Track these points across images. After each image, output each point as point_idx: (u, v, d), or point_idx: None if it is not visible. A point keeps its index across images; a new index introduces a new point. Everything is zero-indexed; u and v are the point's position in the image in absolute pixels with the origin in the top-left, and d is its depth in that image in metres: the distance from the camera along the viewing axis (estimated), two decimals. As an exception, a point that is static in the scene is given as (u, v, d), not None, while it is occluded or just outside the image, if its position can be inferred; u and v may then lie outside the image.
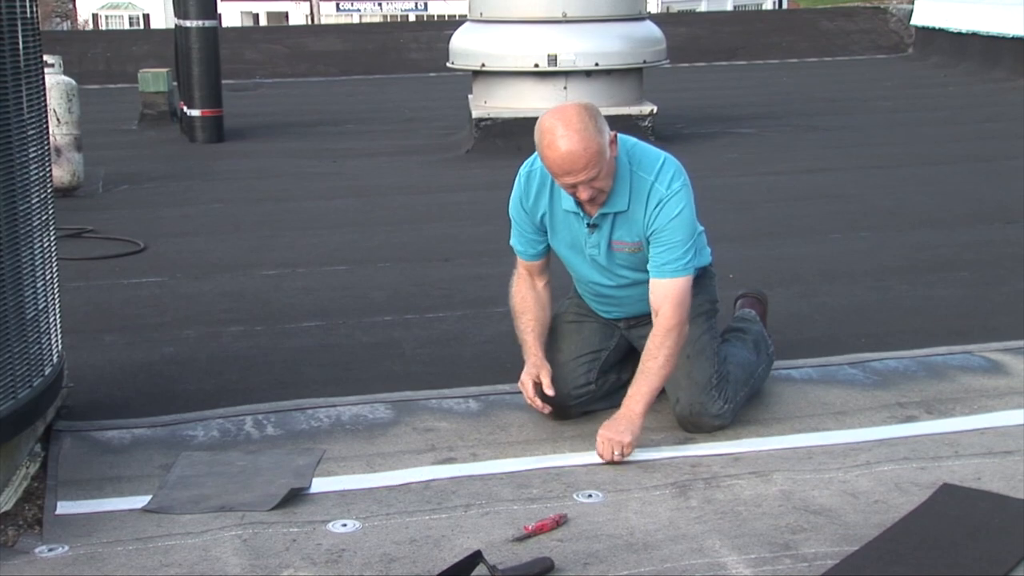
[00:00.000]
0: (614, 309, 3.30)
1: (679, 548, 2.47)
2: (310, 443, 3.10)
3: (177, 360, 3.86)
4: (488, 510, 2.67)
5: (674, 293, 3.02)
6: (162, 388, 3.59)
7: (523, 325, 3.23)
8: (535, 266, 3.24)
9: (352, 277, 4.90)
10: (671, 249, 3.02)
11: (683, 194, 3.03)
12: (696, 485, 2.79)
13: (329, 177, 7.35)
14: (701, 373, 3.14)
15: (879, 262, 4.96)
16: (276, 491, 2.74)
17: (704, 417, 3.11)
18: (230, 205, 6.44)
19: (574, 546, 2.49)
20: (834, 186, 6.68)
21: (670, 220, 3.01)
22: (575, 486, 2.80)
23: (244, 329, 4.19)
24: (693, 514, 2.64)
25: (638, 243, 3.07)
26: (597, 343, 3.31)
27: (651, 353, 3.02)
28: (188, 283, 4.83)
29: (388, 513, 2.66)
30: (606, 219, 3.07)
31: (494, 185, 6.36)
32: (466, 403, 3.37)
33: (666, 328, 3.00)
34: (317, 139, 8.93)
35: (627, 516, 2.64)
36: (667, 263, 3.03)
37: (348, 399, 3.39)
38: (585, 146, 2.86)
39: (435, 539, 2.53)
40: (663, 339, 3.00)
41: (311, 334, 4.13)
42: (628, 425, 2.97)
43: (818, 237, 5.43)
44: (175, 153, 8.30)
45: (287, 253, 5.31)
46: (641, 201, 3.02)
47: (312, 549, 2.49)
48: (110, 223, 5.86)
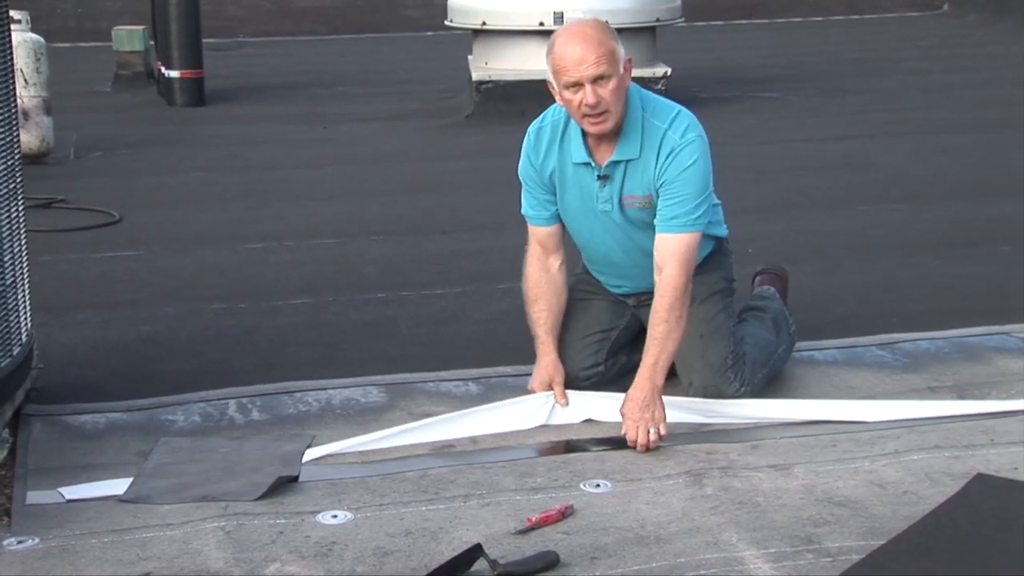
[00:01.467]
0: (624, 283, 3.30)
1: (693, 542, 2.48)
2: (298, 428, 3.10)
3: (155, 339, 3.87)
4: (489, 500, 2.68)
5: (680, 249, 3.01)
6: (139, 369, 3.59)
7: (535, 315, 3.23)
8: (549, 237, 3.23)
9: (343, 251, 4.90)
10: (681, 202, 3.01)
11: (697, 145, 3.03)
12: (712, 474, 2.79)
13: (319, 144, 7.34)
14: (715, 354, 3.14)
15: (910, 236, 4.95)
16: (262, 479, 2.75)
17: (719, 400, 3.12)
18: (212, 174, 6.43)
19: (581, 539, 2.50)
20: (862, 154, 6.66)
21: (681, 171, 3.00)
22: (582, 475, 2.81)
23: (227, 306, 4.19)
24: (708, 505, 2.65)
25: (648, 196, 3.07)
26: (606, 322, 3.32)
27: (660, 317, 3.01)
28: (167, 257, 4.83)
29: (382, 503, 2.66)
30: (617, 169, 3.06)
31: (496, 152, 6.36)
32: (465, 386, 3.37)
33: (672, 287, 2.99)
34: (306, 103, 8.91)
35: (638, 507, 2.65)
36: (675, 217, 3.02)
37: (339, 382, 3.40)
38: (599, 40, 2.96)
39: (432, 531, 2.54)
40: (671, 300, 3.00)
41: (299, 312, 4.14)
42: (654, 400, 2.97)
43: (844, 209, 5.42)
44: (152, 117, 8.28)
45: (274, 225, 5.31)
46: (653, 149, 3.03)
47: (300, 542, 2.50)
48: (82, 192, 5.85)
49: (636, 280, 3.27)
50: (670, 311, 3.00)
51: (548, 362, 3.19)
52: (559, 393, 3.15)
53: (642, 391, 2.98)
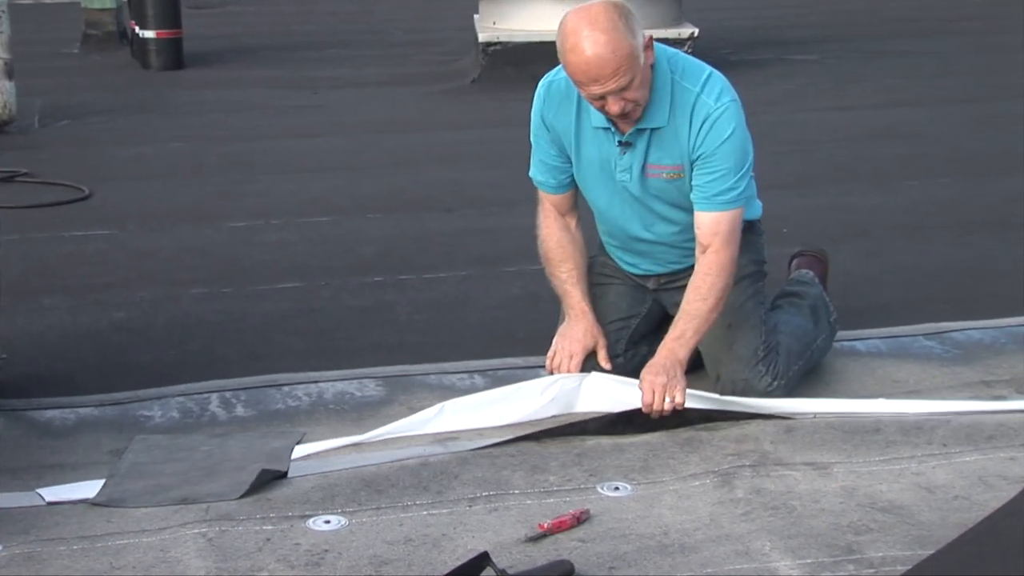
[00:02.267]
0: (644, 261, 3.30)
1: (722, 551, 2.48)
2: (287, 425, 3.11)
3: (129, 327, 3.88)
4: (496, 504, 2.69)
5: (725, 227, 3.03)
6: (112, 360, 3.60)
7: (563, 275, 3.23)
8: (562, 202, 3.23)
9: (337, 230, 4.90)
10: (722, 177, 3.02)
11: (734, 110, 3.02)
12: (742, 474, 2.79)
13: (309, 111, 7.34)
14: (745, 345, 3.14)
15: (962, 214, 4.94)
16: (246, 477, 2.76)
17: (749, 395, 3.12)
18: (191, 144, 6.44)
19: (598, 547, 2.50)
20: (909, 123, 6.64)
21: (721, 142, 3.00)
22: (599, 474, 2.81)
23: (209, 291, 4.20)
24: (739, 510, 2.65)
25: (678, 167, 3.06)
26: (625, 308, 3.32)
27: (700, 293, 3.03)
28: (142, 236, 4.84)
29: (378, 507, 2.67)
30: (641, 136, 3.05)
31: (504, 121, 6.36)
32: (471, 379, 3.38)
33: (718, 266, 3.02)
34: (294, 66, 8.90)
35: (660, 512, 2.65)
36: (717, 194, 3.03)
37: (331, 374, 3.41)
38: (614, 48, 2.84)
39: (434, 538, 2.55)
40: (714, 279, 3.02)
41: (288, 297, 4.14)
42: (674, 369, 3.00)
43: (890, 184, 5.41)
44: (125, 82, 8.29)
45: (260, 201, 5.31)
46: (684, 116, 3.01)
47: (289, 550, 2.51)
48: (49, 165, 5.86)
49: (658, 258, 3.28)
50: (711, 289, 3.02)
51: (587, 324, 3.19)
52: (604, 358, 3.17)
53: (663, 359, 3.02)
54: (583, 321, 3.21)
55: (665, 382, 2.98)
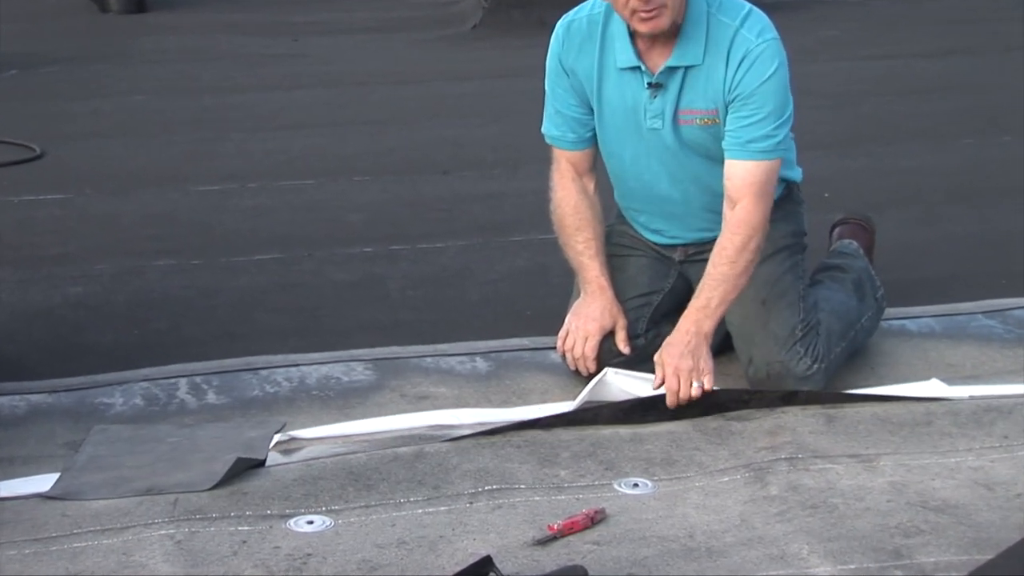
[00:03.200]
0: (671, 227, 3.30)
1: (754, 555, 2.48)
2: (265, 414, 3.11)
3: (88, 304, 3.88)
4: (501, 501, 2.69)
5: (759, 179, 3.02)
6: (68, 341, 3.60)
7: (580, 246, 3.24)
8: (580, 160, 3.24)
9: (321, 194, 4.90)
10: (760, 122, 3.01)
11: (776, 48, 3.02)
12: (777, 468, 2.80)
13: (288, 60, 7.32)
14: (781, 324, 3.14)
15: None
16: (219, 468, 2.77)
17: (786, 380, 3.12)
18: (156, 97, 6.42)
19: (615, 551, 2.50)
20: (966, 74, 6.62)
21: (761, 82, 3.00)
22: (616, 469, 2.81)
23: (177, 263, 4.20)
24: (773, 509, 2.65)
25: (713, 111, 3.06)
26: (647, 283, 3.32)
27: (727, 255, 3.02)
28: (101, 201, 4.84)
29: (368, 505, 2.67)
30: (674, 76, 3.05)
31: (509, 71, 6.34)
32: (472, 362, 3.39)
33: (748, 224, 3.01)
34: (271, 9, 8.87)
35: (685, 511, 2.65)
36: (753, 140, 3.02)
37: (315, 356, 3.41)
38: None
39: (430, 540, 2.55)
40: (744, 239, 3.01)
41: (266, 270, 4.14)
42: (700, 347, 3.00)
43: (944, 143, 5.39)
44: (81, 27, 8.27)
45: (233, 162, 5.31)
46: (721, 52, 3.01)
47: (268, 554, 2.51)
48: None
49: (686, 224, 3.27)
50: (740, 251, 3.01)
51: (605, 302, 3.20)
52: (623, 340, 3.18)
53: (685, 334, 3.01)
54: (600, 298, 3.21)
55: (691, 365, 2.98)
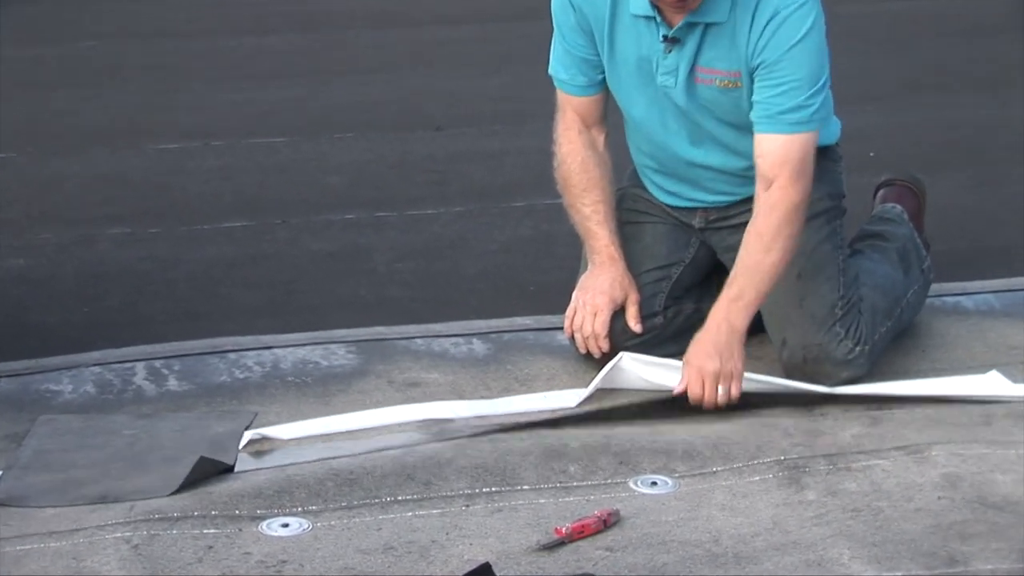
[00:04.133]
0: (690, 189, 3.29)
1: (788, 562, 2.48)
2: (234, 403, 3.11)
3: (30, 278, 3.87)
4: (501, 503, 2.69)
5: (795, 154, 3.01)
6: (8, 320, 3.59)
7: (588, 210, 3.23)
8: (590, 108, 3.23)
9: (296, 153, 4.88)
10: (791, 91, 3.00)
11: (809, 8, 3.01)
12: (815, 465, 2.80)
13: (259, 0, 7.29)
14: (818, 300, 3.14)
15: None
16: (181, 470, 2.76)
17: (824, 365, 3.12)
18: (106, 42, 6.38)
19: (630, 558, 2.50)
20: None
21: (789, 47, 2.99)
22: (632, 465, 2.81)
23: (131, 231, 4.19)
24: (810, 511, 2.65)
25: (734, 74, 3.05)
26: (665, 254, 3.32)
27: (762, 241, 3.01)
28: (45, 162, 4.82)
29: (351, 506, 2.67)
30: (693, 32, 3.04)
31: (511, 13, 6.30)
32: (468, 344, 3.39)
33: (784, 203, 3.00)
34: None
35: (710, 513, 2.65)
36: (785, 112, 3.01)
37: (290, 337, 3.41)
38: None
39: (422, 546, 2.55)
40: (779, 219, 3.00)
41: (234, 240, 4.14)
42: (730, 347, 2.99)
43: (1010, 93, 5.36)
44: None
45: (195, 117, 5.29)
46: (747, 10, 3.00)
47: (237, 560, 2.51)
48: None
49: (707, 187, 3.26)
50: (776, 235, 3.00)
51: (616, 274, 3.19)
52: (633, 316, 3.18)
53: (715, 333, 3.00)
54: (611, 269, 3.20)
55: (717, 368, 2.96)
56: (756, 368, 3.16)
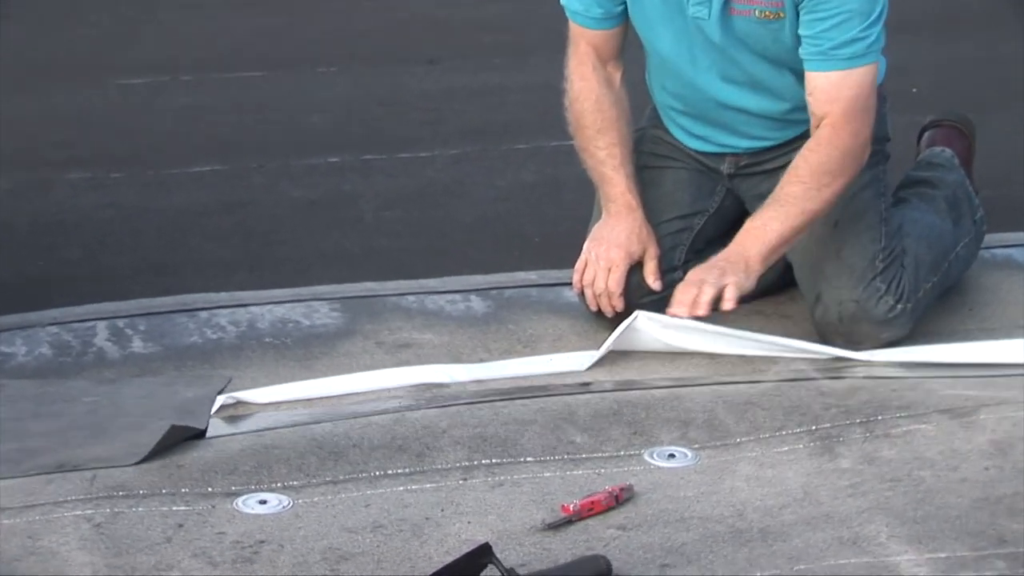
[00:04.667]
0: (720, 133, 3.29)
1: (819, 538, 2.49)
2: (205, 367, 3.13)
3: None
4: (502, 477, 2.70)
5: (850, 91, 3.01)
6: (-43, 275, 3.62)
7: (603, 153, 3.23)
8: (606, 42, 3.23)
9: (274, 90, 4.88)
10: (842, 25, 3.00)
11: None
12: (850, 435, 2.81)
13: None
14: (857, 251, 3.15)
15: None
16: (147, 438, 2.77)
17: (862, 324, 3.13)
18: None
19: (645, 537, 2.52)
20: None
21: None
22: (647, 434, 2.82)
23: (92, 176, 4.20)
24: (844, 481, 2.66)
25: (777, 3, 3.05)
26: (687, 202, 3.33)
27: (798, 175, 3.03)
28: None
29: (335, 480, 2.69)
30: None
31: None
32: (466, 302, 3.40)
33: (832, 144, 3.01)
34: None
35: (733, 486, 2.66)
36: (836, 46, 3.01)
37: (268, 294, 3.43)
38: None
39: (414, 524, 2.56)
40: (825, 159, 3.01)
41: (205, 185, 4.15)
42: (738, 270, 3.01)
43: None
44: None
45: (163, 49, 5.27)
46: None
47: (210, 540, 2.52)
48: None
49: (739, 130, 3.27)
50: (816, 173, 3.01)
51: (633, 224, 3.20)
52: (653, 272, 3.19)
53: (724, 257, 3.04)
54: (628, 219, 3.21)
55: (717, 278, 3.00)
56: (786, 328, 3.18)
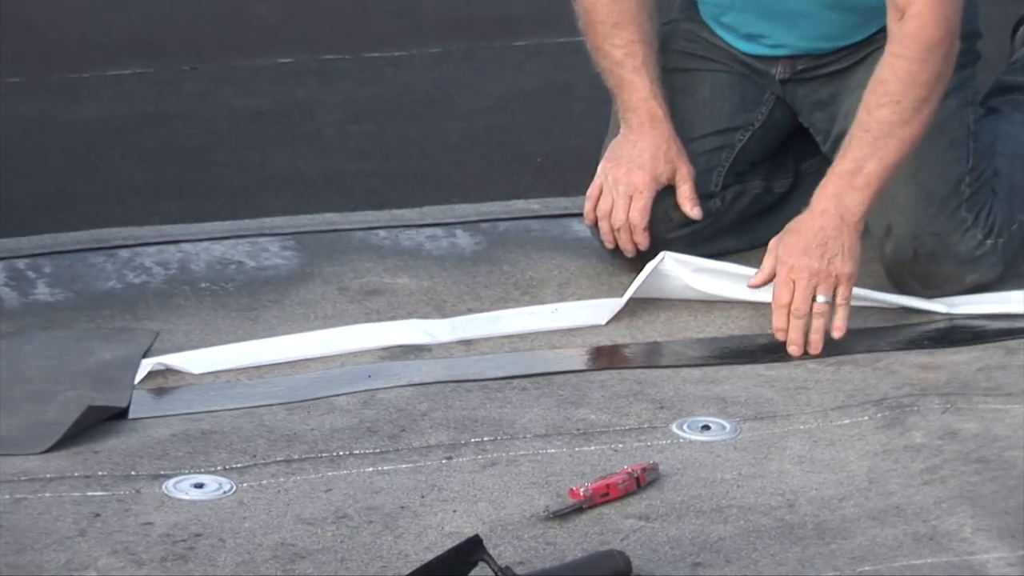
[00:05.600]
0: (777, 32, 3.30)
1: (889, 534, 2.49)
2: (127, 318, 3.13)
3: None
4: (495, 454, 2.70)
5: None
6: None
7: (619, 50, 3.23)
8: None
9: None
10: None
11: None
12: (926, 407, 2.81)
13: None
14: (939, 174, 3.17)
15: None
16: (57, 416, 2.77)
17: (943, 264, 3.15)
18: None
19: (672, 529, 2.52)
20: None
21: None
22: (675, 406, 2.83)
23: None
24: (918, 464, 2.66)
25: None
26: (728, 114, 3.34)
27: (890, 93, 3.00)
28: None
29: (289, 459, 2.69)
30: None
31: None
32: (450, 237, 3.41)
33: (924, 40, 2.99)
34: None
35: (782, 468, 2.67)
36: None
37: (204, 228, 3.44)
38: None
39: (387, 513, 2.56)
40: (919, 63, 2.99)
41: (126, 93, 4.15)
42: (840, 241, 2.98)
43: None
44: None
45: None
46: None
47: (133, 533, 2.52)
48: None
49: (800, 28, 3.27)
50: (911, 84, 2.99)
51: (660, 139, 3.20)
52: (688, 198, 3.19)
53: (818, 216, 2.99)
54: (652, 133, 3.21)
55: (817, 267, 2.96)
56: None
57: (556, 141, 3.76)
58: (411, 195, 3.57)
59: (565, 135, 3.73)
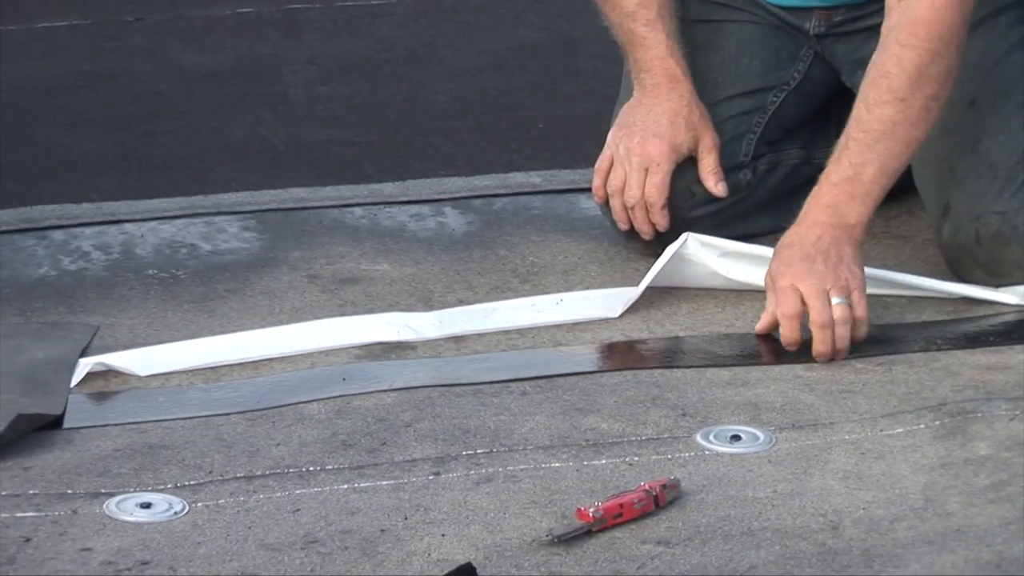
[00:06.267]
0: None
1: (948, 561, 2.50)
2: (61, 311, 3.15)
3: None
4: (491, 469, 2.72)
5: None
6: None
7: (630, 2, 3.24)
8: None
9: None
10: None
11: None
12: (991, 414, 2.83)
13: None
14: (1003, 144, 3.18)
15: None
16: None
17: (1010, 247, 3.17)
18: None
19: (696, 556, 2.53)
20: None
21: None
22: (699, 414, 2.85)
23: None
24: (982, 479, 2.68)
25: None
26: (758, 73, 3.36)
27: (891, 87, 3.03)
28: None
29: (250, 475, 2.71)
30: None
31: None
32: (437, 216, 3.42)
33: (932, 28, 3.01)
34: None
35: (823, 484, 2.68)
36: None
37: (151, 206, 3.45)
38: None
39: (366, 538, 2.57)
40: (926, 55, 3.01)
41: (60, 48, 4.17)
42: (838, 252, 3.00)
43: None
44: None
45: None
46: None
47: (69, 560, 2.52)
48: None
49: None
50: (917, 79, 3.01)
51: (679, 101, 3.23)
52: (711, 171, 3.20)
53: (811, 227, 3.02)
54: (670, 95, 3.23)
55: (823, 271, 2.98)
56: (900, 254, 3.19)
57: (560, 105, 3.77)
58: (392, 168, 3.58)
59: (571, 97, 3.74)
